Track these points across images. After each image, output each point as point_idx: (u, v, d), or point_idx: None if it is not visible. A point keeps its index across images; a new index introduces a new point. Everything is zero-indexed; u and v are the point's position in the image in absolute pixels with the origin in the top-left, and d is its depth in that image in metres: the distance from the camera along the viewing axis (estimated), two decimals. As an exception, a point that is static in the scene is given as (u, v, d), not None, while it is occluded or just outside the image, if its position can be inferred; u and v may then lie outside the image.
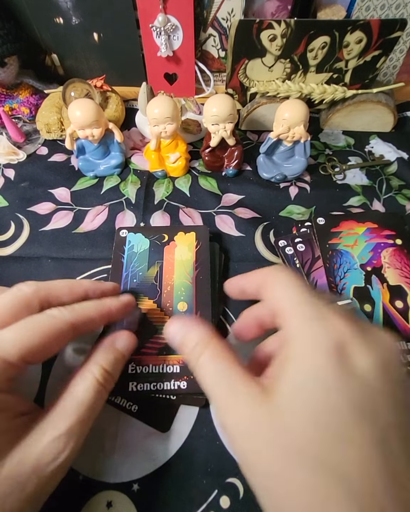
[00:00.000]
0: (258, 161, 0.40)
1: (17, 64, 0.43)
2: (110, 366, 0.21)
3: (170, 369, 0.25)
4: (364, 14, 0.43)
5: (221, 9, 0.43)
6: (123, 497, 0.22)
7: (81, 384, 0.20)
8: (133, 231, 0.32)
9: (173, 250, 0.31)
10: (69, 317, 0.20)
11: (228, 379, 0.17)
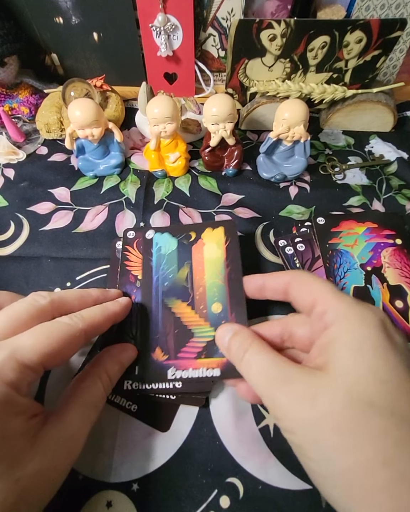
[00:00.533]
0: (258, 161, 0.40)
1: (17, 63, 0.43)
2: (113, 374, 0.23)
3: (211, 373, 0.24)
4: (364, 14, 0.43)
5: (221, 9, 0.43)
6: (123, 497, 0.22)
7: (91, 387, 0.21)
8: (160, 231, 0.31)
9: (202, 249, 0.29)
10: (80, 324, 0.21)
11: (277, 366, 0.19)
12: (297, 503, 0.22)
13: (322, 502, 0.22)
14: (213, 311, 0.26)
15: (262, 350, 0.20)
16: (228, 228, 0.30)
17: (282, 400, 0.18)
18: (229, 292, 0.27)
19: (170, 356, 0.25)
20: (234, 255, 0.28)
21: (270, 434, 0.24)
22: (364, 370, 0.17)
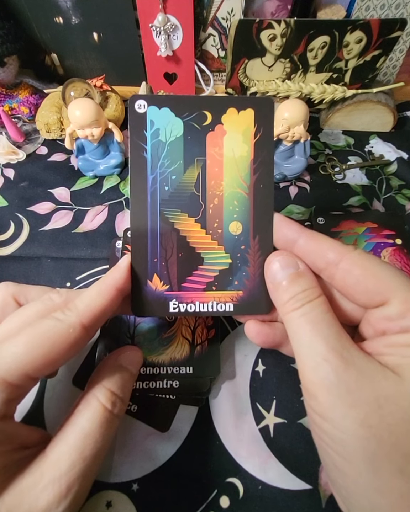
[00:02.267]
0: (258, 160, 0.40)
1: (17, 63, 0.43)
2: (117, 387, 0.18)
3: (222, 307, 0.20)
4: (364, 14, 0.43)
5: (221, 9, 0.43)
6: (123, 497, 0.22)
7: (85, 412, 0.17)
8: (157, 104, 0.20)
9: (221, 140, 0.20)
10: (74, 318, 0.17)
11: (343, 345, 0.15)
12: (297, 503, 0.22)
13: (322, 502, 0.22)
14: (230, 232, 0.20)
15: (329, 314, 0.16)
16: (260, 113, 0.20)
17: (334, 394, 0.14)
18: (253, 207, 0.20)
19: (171, 286, 0.20)
20: (266, 154, 0.20)
21: (270, 434, 0.24)
22: None
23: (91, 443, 0.16)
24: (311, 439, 0.24)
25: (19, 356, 0.15)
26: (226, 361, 0.27)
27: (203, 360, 0.26)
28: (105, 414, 0.17)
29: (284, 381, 0.26)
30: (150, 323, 0.27)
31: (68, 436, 0.16)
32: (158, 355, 0.26)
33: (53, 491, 0.14)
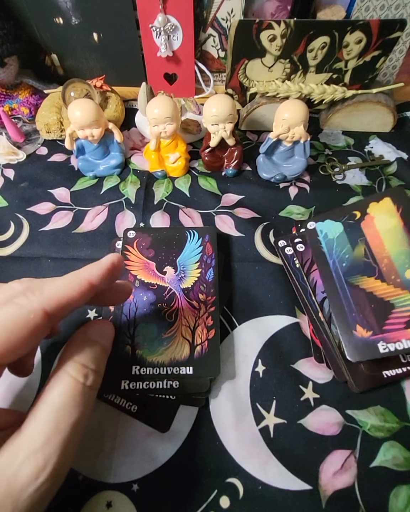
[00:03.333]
0: (258, 161, 0.40)
1: (17, 64, 0.43)
2: (89, 360, 0.18)
3: None
4: (364, 15, 0.43)
5: (221, 9, 0.44)
6: (123, 497, 0.22)
7: (56, 388, 0.17)
8: (321, 220, 0.31)
9: (372, 223, 0.29)
10: (37, 303, 0.16)
11: None
12: (296, 503, 0.22)
13: (322, 502, 0.22)
14: (408, 278, 0.26)
15: None
16: (395, 197, 0.29)
17: None
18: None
19: (374, 331, 0.25)
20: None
21: (269, 434, 0.24)
22: None
23: (65, 416, 0.16)
24: (311, 439, 0.24)
25: None
26: (226, 361, 0.27)
27: (203, 361, 0.26)
28: (77, 387, 0.17)
29: (284, 381, 0.26)
30: (150, 323, 0.27)
31: (41, 412, 0.16)
32: (158, 356, 0.26)
33: (29, 465, 0.15)
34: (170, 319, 0.28)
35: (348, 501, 0.22)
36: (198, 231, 0.32)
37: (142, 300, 0.28)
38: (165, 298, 0.28)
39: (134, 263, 0.31)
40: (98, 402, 0.25)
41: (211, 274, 0.30)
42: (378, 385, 0.26)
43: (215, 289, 0.29)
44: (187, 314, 0.28)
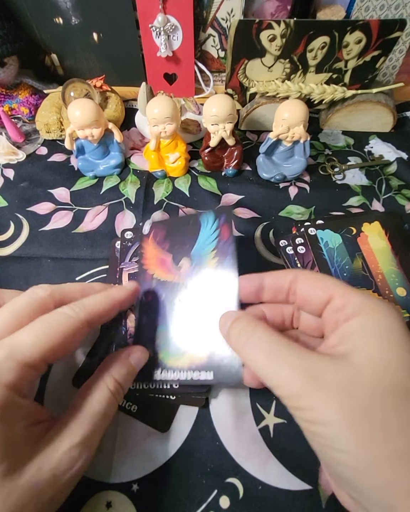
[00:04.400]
0: (258, 161, 0.40)
1: (16, 64, 0.43)
2: (123, 379, 0.21)
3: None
4: (364, 14, 0.43)
5: (221, 9, 0.43)
6: (123, 497, 0.22)
7: (96, 395, 0.20)
8: (321, 228, 0.32)
9: (367, 241, 0.32)
10: (83, 315, 0.20)
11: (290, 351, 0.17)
12: (296, 503, 0.22)
13: (322, 502, 0.22)
14: (399, 295, 0.28)
15: (270, 334, 0.18)
16: (384, 222, 0.32)
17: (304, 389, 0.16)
18: (407, 277, 0.29)
19: None
20: (399, 244, 0.31)
21: (269, 434, 0.24)
22: (393, 360, 0.16)
23: (98, 420, 0.19)
24: (311, 439, 0.24)
25: (39, 343, 0.18)
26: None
27: (225, 366, 0.23)
28: (111, 399, 0.20)
29: (283, 381, 0.26)
30: (170, 324, 0.25)
31: (82, 412, 0.19)
32: (178, 359, 0.24)
33: (69, 456, 0.18)
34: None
35: (348, 501, 0.22)
36: (214, 213, 0.28)
37: (160, 300, 0.27)
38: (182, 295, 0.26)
39: (150, 260, 0.29)
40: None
41: (229, 263, 0.26)
42: None
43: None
44: None
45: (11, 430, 0.17)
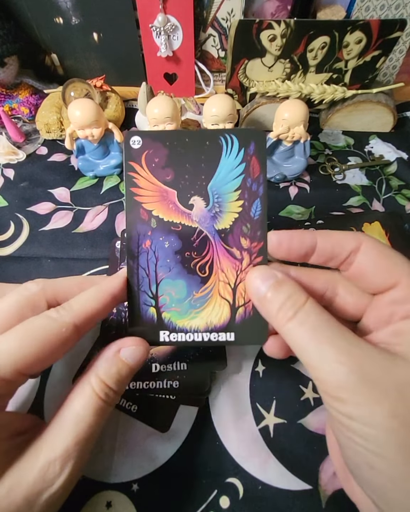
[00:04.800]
0: (258, 161, 0.40)
1: (17, 64, 0.43)
2: (111, 380, 0.18)
3: None
4: (364, 14, 0.43)
5: (221, 9, 0.43)
6: (123, 497, 0.22)
7: (79, 399, 0.17)
8: (321, 228, 0.30)
9: None
10: (69, 318, 0.17)
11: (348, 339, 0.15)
12: (296, 503, 0.22)
13: (322, 502, 0.22)
14: None
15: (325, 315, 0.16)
16: (384, 222, 0.31)
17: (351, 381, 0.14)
18: None
19: None
20: (399, 244, 0.30)
21: (269, 434, 0.24)
22: None
23: (84, 428, 0.17)
24: (311, 439, 0.24)
25: (11, 353, 0.16)
26: (226, 361, 0.27)
27: (248, 326, 0.20)
28: (98, 402, 0.17)
29: (284, 381, 0.26)
30: (177, 279, 0.21)
31: (63, 421, 0.17)
32: (191, 319, 0.21)
33: (47, 472, 0.15)
34: (204, 273, 0.21)
35: (348, 501, 0.22)
36: (239, 137, 0.20)
37: (163, 247, 0.21)
38: (194, 244, 0.21)
39: (145, 191, 0.21)
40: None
41: (258, 208, 0.21)
42: None
43: (262, 231, 0.21)
44: (226, 267, 0.21)
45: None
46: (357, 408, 0.14)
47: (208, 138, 0.21)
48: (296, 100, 0.37)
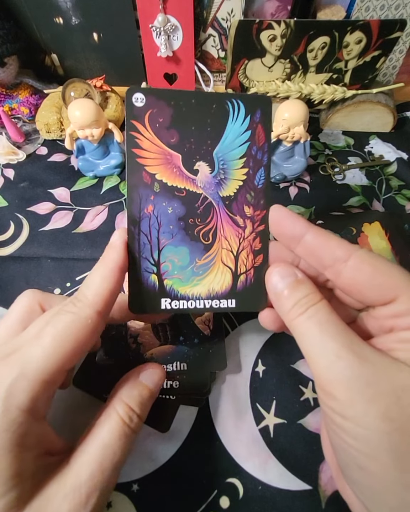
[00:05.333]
0: (258, 161, 0.40)
1: (17, 64, 0.43)
2: (134, 403, 0.18)
3: None
4: (364, 15, 0.43)
5: (221, 10, 0.43)
6: (123, 497, 0.22)
7: (105, 425, 0.17)
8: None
9: (367, 241, 0.31)
10: (89, 308, 0.17)
11: (352, 338, 0.15)
12: (296, 503, 0.22)
13: (322, 502, 0.22)
14: None
15: (334, 315, 0.16)
16: (384, 222, 0.32)
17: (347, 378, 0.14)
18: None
19: None
20: (399, 244, 0.31)
21: (269, 434, 0.24)
22: None
23: (110, 454, 0.16)
24: (311, 439, 0.24)
25: (50, 355, 0.16)
26: (227, 360, 0.27)
27: (248, 293, 0.21)
28: (124, 428, 0.17)
29: (284, 381, 0.26)
30: (179, 246, 0.21)
31: (89, 446, 0.16)
32: (193, 287, 0.21)
33: (73, 499, 0.15)
34: (207, 241, 0.21)
35: (348, 501, 0.22)
36: (245, 102, 0.20)
37: (166, 213, 0.20)
38: (198, 210, 0.20)
39: (149, 153, 0.20)
40: (99, 402, 0.25)
41: (261, 176, 0.21)
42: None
43: (265, 200, 0.21)
44: (229, 234, 0.21)
45: (21, 460, 0.14)
46: (350, 406, 0.14)
47: (215, 101, 0.20)
48: (296, 100, 0.37)
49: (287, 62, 0.41)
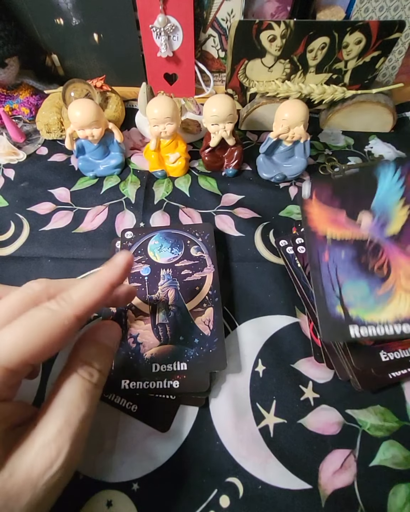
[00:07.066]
0: (258, 161, 0.40)
1: (17, 64, 0.44)
2: (94, 361, 0.19)
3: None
4: (363, 16, 0.43)
5: (221, 10, 0.44)
6: (123, 497, 0.22)
7: (66, 384, 0.18)
8: None
9: None
10: (70, 310, 0.18)
11: None
12: (296, 503, 0.22)
13: (322, 501, 0.22)
14: None
15: None
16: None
17: None
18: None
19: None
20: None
21: (269, 434, 0.24)
22: None
23: (74, 410, 0.17)
24: (311, 439, 0.24)
25: (18, 345, 0.16)
26: (227, 360, 0.27)
27: None
28: (84, 384, 0.18)
29: (284, 381, 0.26)
30: (358, 280, 0.24)
31: (53, 406, 0.17)
32: (379, 313, 0.23)
33: (44, 455, 0.16)
34: (382, 273, 0.24)
35: (348, 500, 0.22)
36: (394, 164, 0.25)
37: (340, 257, 0.24)
38: (368, 251, 0.24)
39: (318, 222, 0.26)
40: (99, 402, 0.25)
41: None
42: (383, 386, 0.26)
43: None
44: (403, 263, 0.23)
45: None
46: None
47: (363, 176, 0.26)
48: (296, 100, 0.37)
49: (286, 62, 0.41)
